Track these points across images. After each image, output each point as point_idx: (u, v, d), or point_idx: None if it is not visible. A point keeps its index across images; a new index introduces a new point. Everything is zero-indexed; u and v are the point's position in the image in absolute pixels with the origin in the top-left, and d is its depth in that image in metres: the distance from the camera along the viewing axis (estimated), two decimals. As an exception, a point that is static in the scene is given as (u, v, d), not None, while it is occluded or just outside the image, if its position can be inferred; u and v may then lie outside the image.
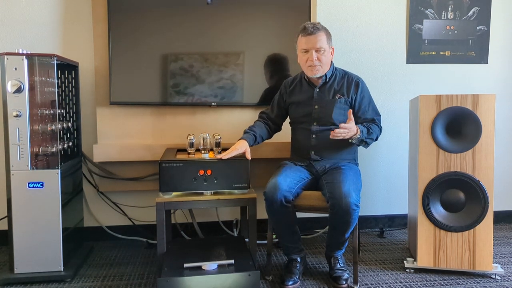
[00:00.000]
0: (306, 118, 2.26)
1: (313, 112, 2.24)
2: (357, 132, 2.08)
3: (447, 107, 2.17)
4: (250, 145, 2.21)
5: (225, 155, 2.11)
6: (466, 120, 2.16)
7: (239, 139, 2.21)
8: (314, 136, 2.24)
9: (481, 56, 3.00)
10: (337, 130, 2.01)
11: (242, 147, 2.15)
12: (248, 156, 2.14)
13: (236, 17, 2.58)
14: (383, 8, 2.89)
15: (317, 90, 2.25)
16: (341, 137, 2.03)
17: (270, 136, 2.40)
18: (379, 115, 2.28)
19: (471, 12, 2.95)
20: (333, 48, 2.23)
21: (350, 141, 2.11)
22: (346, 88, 2.23)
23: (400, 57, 2.94)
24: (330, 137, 2.03)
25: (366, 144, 2.19)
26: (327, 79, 2.24)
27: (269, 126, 2.38)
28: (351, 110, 2.10)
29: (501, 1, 2.98)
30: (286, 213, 2.07)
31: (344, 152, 2.21)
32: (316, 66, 2.15)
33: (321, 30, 2.14)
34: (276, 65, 2.65)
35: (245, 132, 2.28)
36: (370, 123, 2.22)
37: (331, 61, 2.26)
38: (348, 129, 2.03)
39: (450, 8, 2.93)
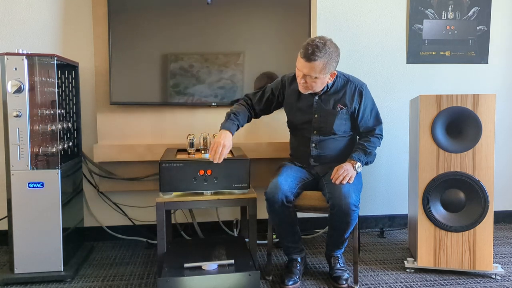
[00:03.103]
0: (305, 126, 2.20)
1: (313, 121, 2.17)
2: (355, 164, 2.08)
3: (447, 107, 2.17)
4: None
5: (219, 157, 2.02)
6: (466, 120, 2.16)
7: (222, 128, 2.10)
8: (313, 145, 2.20)
9: (481, 56, 3.00)
10: (334, 178, 2.02)
11: (228, 142, 2.05)
12: (224, 155, 2.05)
13: (236, 17, 2.58)
14: (383, 8, 2.89)
15: (317, 98, 2.16)
16: (347, 177, 2.01)
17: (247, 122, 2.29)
18: (381, 123, 2.22)
19: (471, 12, 2.95)
20: (334, 73, 2.07)
21: (355, 171, 2.08)
22: (349, 97, 2.14)
23: (400, 57, 2.94)
24: (337, 183, 2.01)
25: (371, 162, 2.21)
26: (328, 88, 2.15)
27: (250, 114, 2.26)
28: (336, 168, 2.07)
29: (501, 1, 2.98)
30: (287, 213, 2.07)
31: (345, 159, 2.16)
32: (305, 88, 2.07)
33: (320, 59, 1.95)
34: (267, 82, 2.60)
35: (229, 118, 2.15)
36: (368, 136, 2.18)
37: None
38: (343, 170, 2.03)
39: (450, 8, 2.93)
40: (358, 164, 2.09)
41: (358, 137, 2.28)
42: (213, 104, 2.59)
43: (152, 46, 2.51)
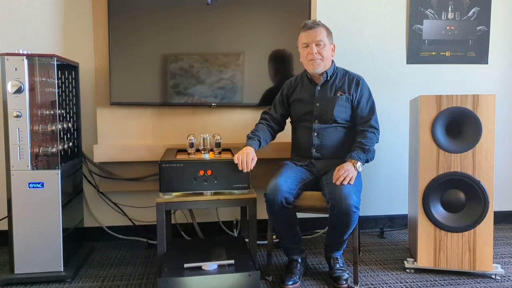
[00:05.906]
0: (307, 116, 2.26)
1: (315, 109, 2.24)
2: (355, 163, 2.08)
3: (447, 107, 2.17)
4: (255, 150, 2.17)
5: (247, 166, 2.07)
6: (466, 120, 2.16)
7: (244, 146, 2.17)
8: (315, 134, 2.23)
9: (481, 56, 3.00)
10: (335, 178, 2.01)
11: (250, 155, 2.10)
12: (252, 165, 2.10)
13: (236, 17, 2.58)
14: (383, 8, 2.89)
15: (319, 88, 2.26)
16: (348, 178, 2.01)
17: (273, 138, 2.37)
18: (375, 114, 2.24)
19: (471, 12, 2.95)
20: (334, 45, 2.26)
21: (356, 170, 2.07)
22: (347, 86, 2.24)
23: (400, 57, 2.94)
24: (337, 183, 2.01)
25: (371, 159, 2.24)
26: (328, 77, 2.25)
27: (272, 128, 2.34)
28: (337, 168, 2.07)
29: (501, 1, 2.99)
30: (286, 215, 2.07)
31: (345, 152, 2.18)
32: (316, 60, 2.16)
33: (320, 26, 2.19)
34: (281, 62, 2.65)
35: (249, 138, 2.22)
36: (363, 132, 2.18)
37: (332, 60, 2.27)
38: (344, 171, 2.03)
39: (450, 9, 2.93)
40: (359, 163, 2.09)
41: (356, 132, 2.27)
42: (213, 104, 2.59)
43: (152, 46, 2.51)
